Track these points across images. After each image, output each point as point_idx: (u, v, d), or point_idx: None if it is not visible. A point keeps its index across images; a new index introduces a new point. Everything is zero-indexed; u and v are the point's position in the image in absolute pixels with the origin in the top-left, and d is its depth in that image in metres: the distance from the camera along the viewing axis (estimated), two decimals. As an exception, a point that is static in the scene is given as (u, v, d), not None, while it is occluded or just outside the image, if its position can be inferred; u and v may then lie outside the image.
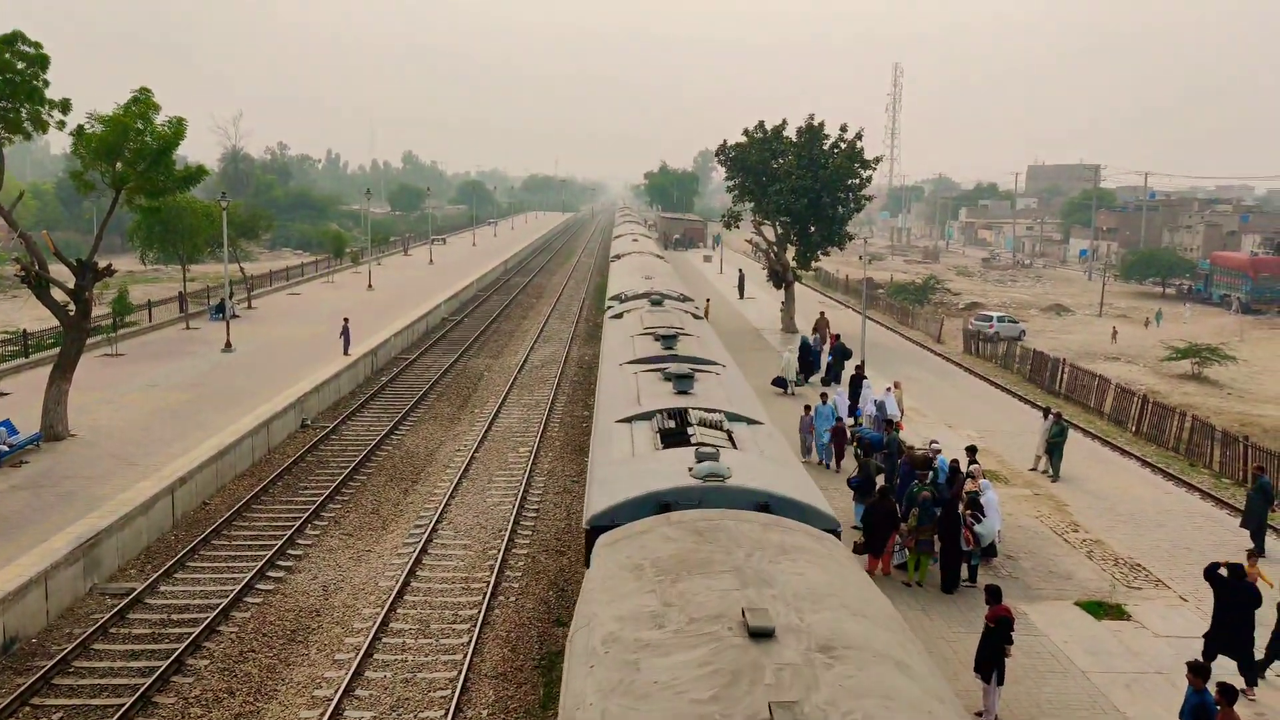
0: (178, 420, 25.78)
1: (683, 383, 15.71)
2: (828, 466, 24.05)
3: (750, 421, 14.54)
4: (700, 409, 14.28)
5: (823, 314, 41.37)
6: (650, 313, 23.98)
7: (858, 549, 17.41)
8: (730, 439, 13.31)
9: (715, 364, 18.66)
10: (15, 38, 22.37)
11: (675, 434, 13.36)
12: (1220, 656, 13.83)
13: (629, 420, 14.40)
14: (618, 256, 49.70)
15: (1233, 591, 14.00)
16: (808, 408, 24.97)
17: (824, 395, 25.28)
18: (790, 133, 44.96)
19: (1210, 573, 14.34)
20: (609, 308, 29.03)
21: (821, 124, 44.05)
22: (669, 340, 19.73)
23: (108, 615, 15.87)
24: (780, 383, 32.71)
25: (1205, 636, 14.24)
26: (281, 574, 18.02)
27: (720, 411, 14.35)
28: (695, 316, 26.39)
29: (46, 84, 22.91)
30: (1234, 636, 13.92)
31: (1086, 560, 18.61)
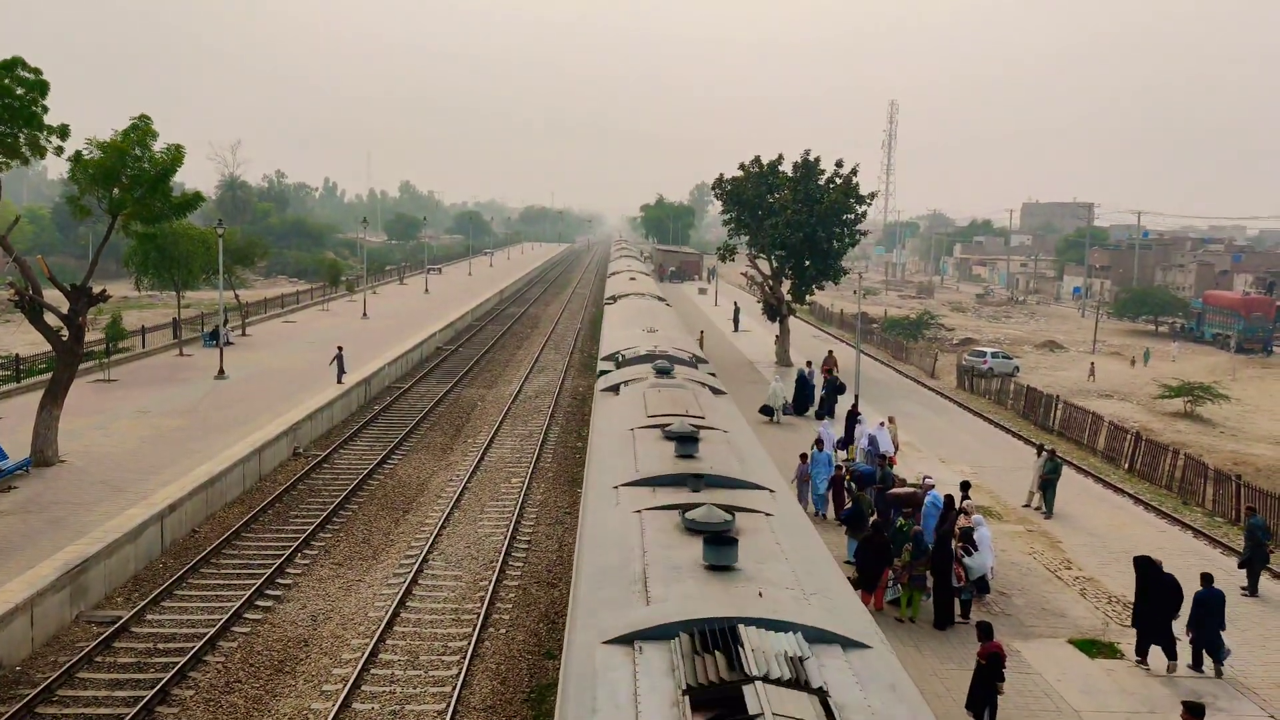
0: (169, 447, 25.65)
1: (720, 549, 9.08)
2: (824, 517, 22.57)
3: (851, 644, 7.98)
4: (758, 622, 7.87)
5: (830, 353, 40.78)
6: (657, 389, 17.60)
7: (853, 584, 17.31)
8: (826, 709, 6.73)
9: (760, 488, 12.05)
10: (15, 64, 22.48)
11: (720, 696, 6.86)
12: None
13: (631, 643, 7.80)
14: (613, 298, 42.70)
15: (1156, 583, 15.84)
16: (804, 456, 23.31)
17: (819, 442, 23.82)
18: (786, 168, 45.27)
19: (1139, 561, 16.26)
20: (601, 373, 22.53)
21: (817, 159, 44.38)
22: (686, 444, 13.12)
23: (93, 643, 15.70)
24: (767, 410, 33.12)
25: (1135, 626, 16.09)
26: (270, 603, 17.87)
27: (795, 627, 7.88)
28: (716, 391, 19.65)
29: (45, 110, 23.00)
30: (1160, 625, 15.63)
31: (1080, 598, 18.53)
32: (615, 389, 19.09)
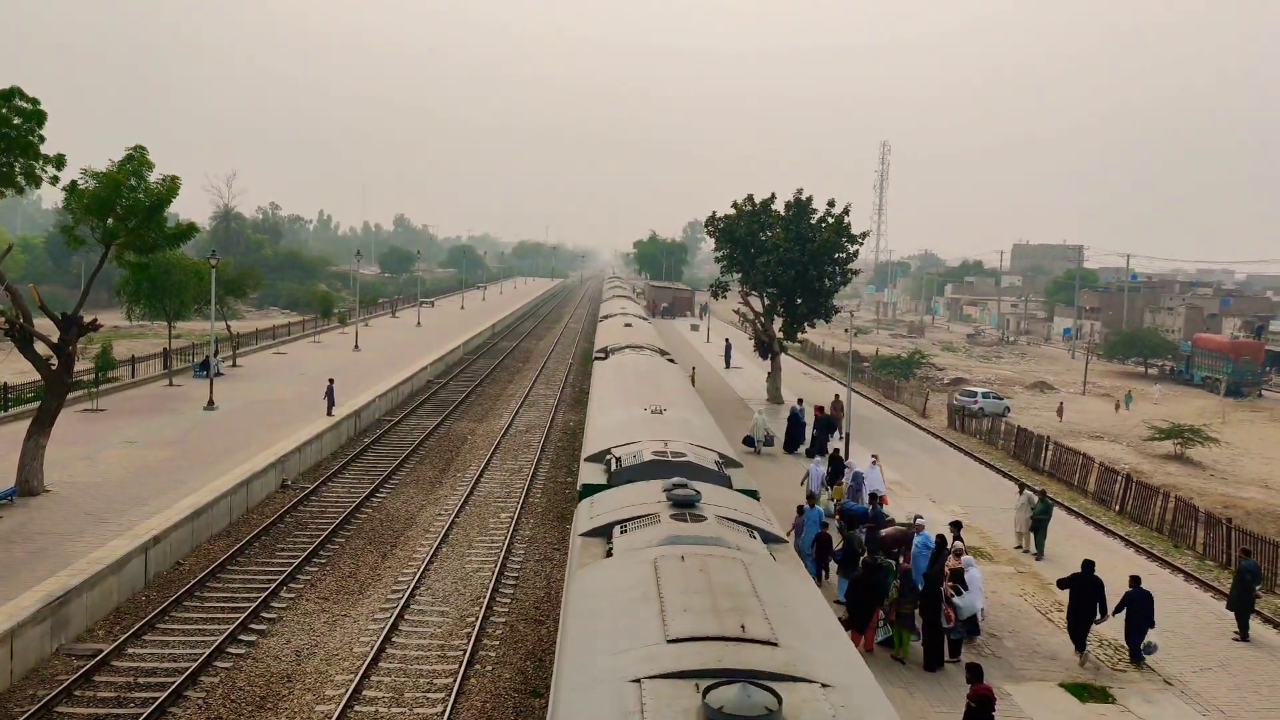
0: (156, 478, 25.46)
1: None
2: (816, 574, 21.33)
3: None
4: None
5: (837, 397, 39.05)
6: (677, 557, 10.13)
7: (844, 624, 17.19)
8: None
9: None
10: (13, 93, 22.56)
11: None
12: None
13: None
14: (604, 352, 34.06)
15: (1083, 587, 17.90)
16: (801, 509, 21.86)
17: (811, 497, 22.40)
18: (778, 206, 45.58)
19: (1066, 582, 18.34)
20: (583, 490, 15.36)
21: (809, 198, 44.71)
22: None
23: (73, 677, 15.46)
24: (749, 441, 34.22)
25: (1069, 629, 17.96)
26: (254, 638, 17.64)
27: None
28: (772, 539, 12.55)
29: (42, 139, 23.06)
30: (1081, 621, 17.72)
31: (1071, 641, 18.41)
32: (605, 543, 11.74)
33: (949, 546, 19.09)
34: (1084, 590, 17.81)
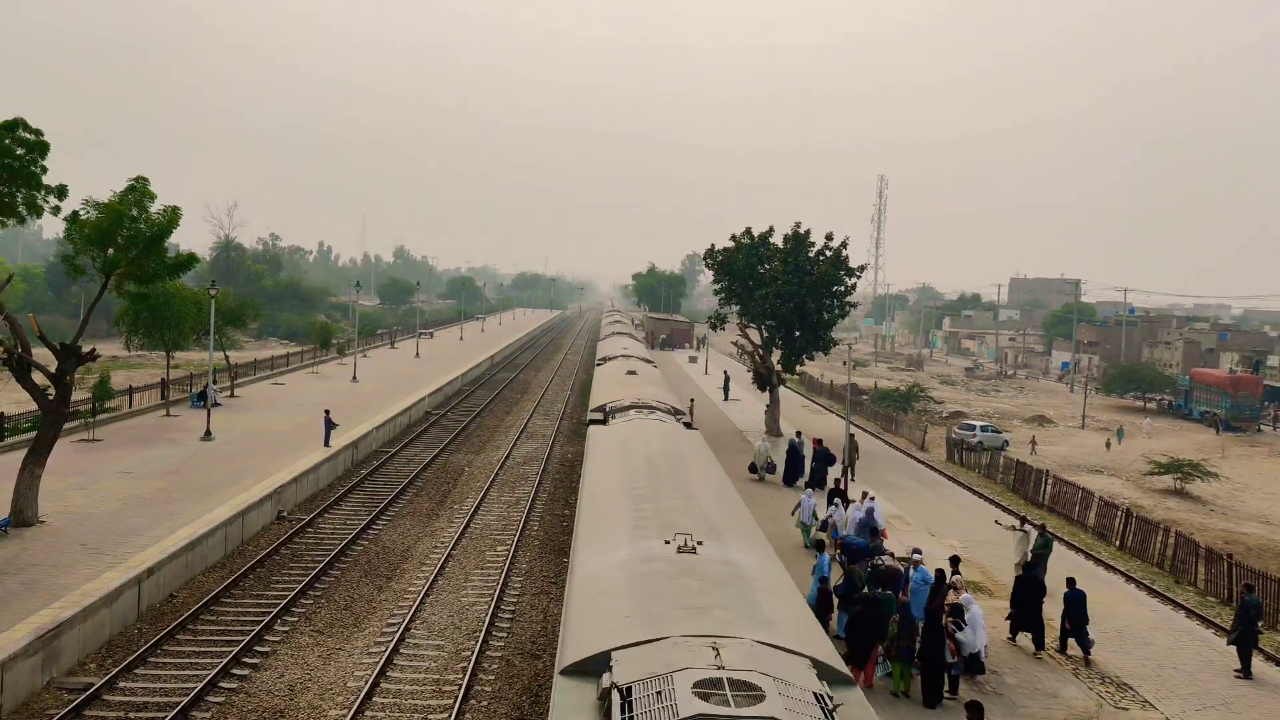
0: (151, 509, 25.31)
1: None
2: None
3: None
4: None
5: (852, 436, 37.35)
6: None
7: (845, 659, 17.01)
8: None
9: None
10: (16, 124, 22.69)
11: None
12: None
13: None
14: (602, 414, 26.59)
15: (1024, 584, 20.03)
16: (808, 548, 21.92)
17: (820, 543, 21.98)
18: (777, 239, 45.76)
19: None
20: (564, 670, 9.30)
21: (808, 231, 44.90)
22: None
23: (64, 711, 15.27)
24: (753, 469, 35.75)
25: (1008, 618, 20.09)
26: (246, 672, 17.45)
27: None
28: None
29: (44, 170, 23.16)
30: (1029, 617, 19.71)
31: (1073, 678, 18.26)
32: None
33: (948, 581, 18.97)
34: (1028, 591, 19.99)
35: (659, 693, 8.04)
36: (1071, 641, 19.62)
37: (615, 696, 8.17)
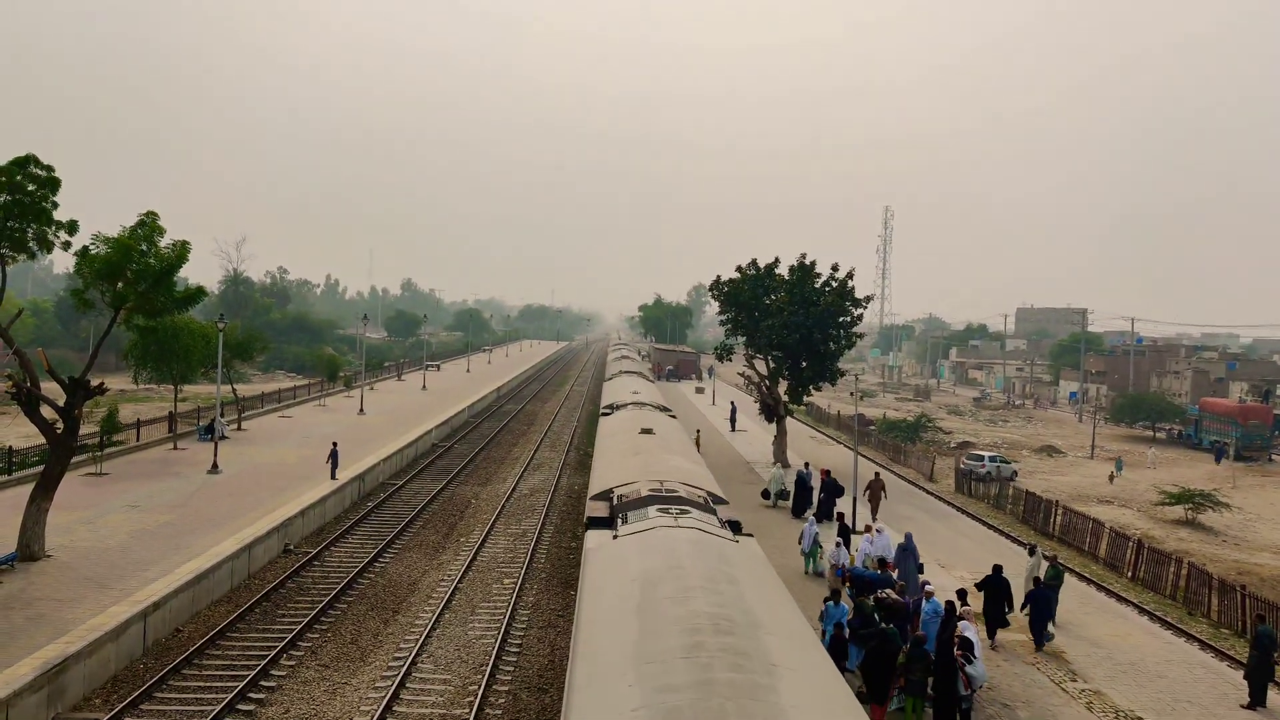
0: (157, 542, 25.27)
1: None
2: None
3: None
4: None
5: (878, 475, 37.27)
6: None
7: (861, 698, 16.83)
8: None
9: None
10: (28, 160, 22.95)
11: None
12: None
13: None
14: (608, 509, 18.81)
15: (994, 585, 21.81)
16: (827, 600, 20.29)
17: (835, 594, 20.47)
18: (782, 270, 45.85)
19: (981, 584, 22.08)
20: None
21: (813, 263, 44.99)
22: None
23: (67, 748, 15.17)
24: (766, 494, 36.72)
25: (985, 615, 21.60)
26: (252, 707, 17.34)
27: None
28: None
29: (55, 205, 23.37)
30: (996, 616, 21.75)
31: (1086, 712, 18.04)
32: None
33: (958, 613, 18.82)
34: (995, 589, 21.73)
35: None
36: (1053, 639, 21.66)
37: None
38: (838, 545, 24.61)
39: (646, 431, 27.62)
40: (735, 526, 16.79)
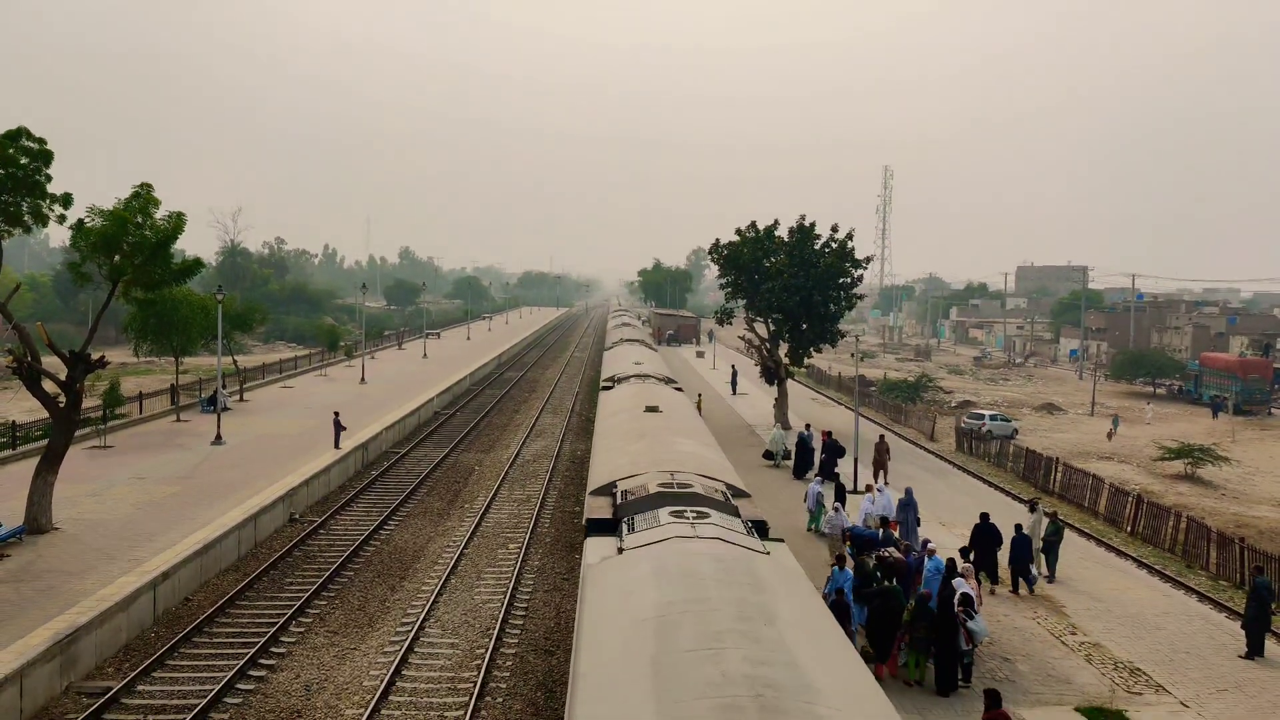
0: (164, 514, 25.46)
1: None
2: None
3: None
4: None
5: (882, 437, 36.60)
6: None
7: (865, 656, 17.06)
8: None
9: None
10: (20, 133, 22.84)
11: None
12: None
13: None
14: (610, 506, 15.98)
15: (983, 532, 22.77)
16: (832, 565, 19.80)
17: (840, 559, 19.56)
18: (782, 232, 45.72)
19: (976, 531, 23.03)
20: None
21: (813, 224, 44.86)
22: None
23: (83, 715, 15.40)
24: (769, 455, 37.47)
25: (972, 562, 21.40)
26: (263, 673, 17.57)
27: None
28: None
29: (49, 179, 23.29)
30: (986, 560, 22.66)
31: (1085, 664, 18.27)
32: None
33: (959, 570, 19.02)
34: (985, 536, 22.73)
35: None
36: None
37: None
38: (835, 510, 24.64)
39: (652, 410, 24.97)
40: (761, 529, 14.51)
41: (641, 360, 40.49)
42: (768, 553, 12.47)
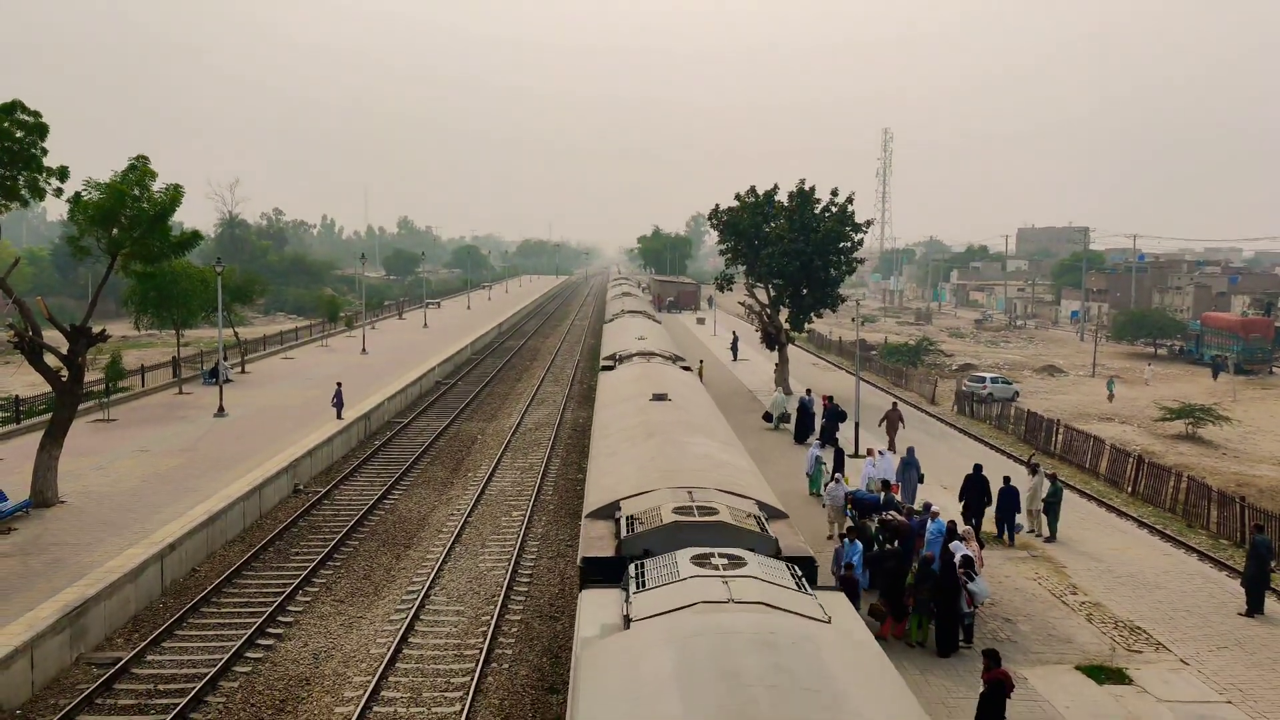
0: (169, 486, 25.58)
1: None
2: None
3: None
4: None
5: (895, 405, 36.52)
6: None
7: (876, 614, 17.19)
8: None
9: None
10: (14, 106, 22.68)
11: None
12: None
13: None
14: (612, 528, 13.51)
15: (973, 483, 23.80)
16: (843, 537, 19.31)
17: (850, 531, 19.48)
18: (782, 197, 45.50)
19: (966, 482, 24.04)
20: None
21: (813, 188, 44.62)
22: None
23: (93, 685, 15.57)
24: (768, 417, 38.01)
25: (963, 510, 23.48)
26: (271, 642, 17.74)
27: None
28: None
29: (45, 152, 23.17)
30: (975, 509, 23.64)
31: (1086, 623, 18.42)
32: None
33: (959, 532, 19.14)
34: (975, 486, 23.77)
35: None
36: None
37: None
38: (836, 480, 24.08)
39: (660, 398, 21.79)
40: (809, 569, 11.64)
41: (645, 335, 37.96)
42: (828, 619, 9.39)
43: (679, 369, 29.78)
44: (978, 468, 24.29)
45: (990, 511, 23.70)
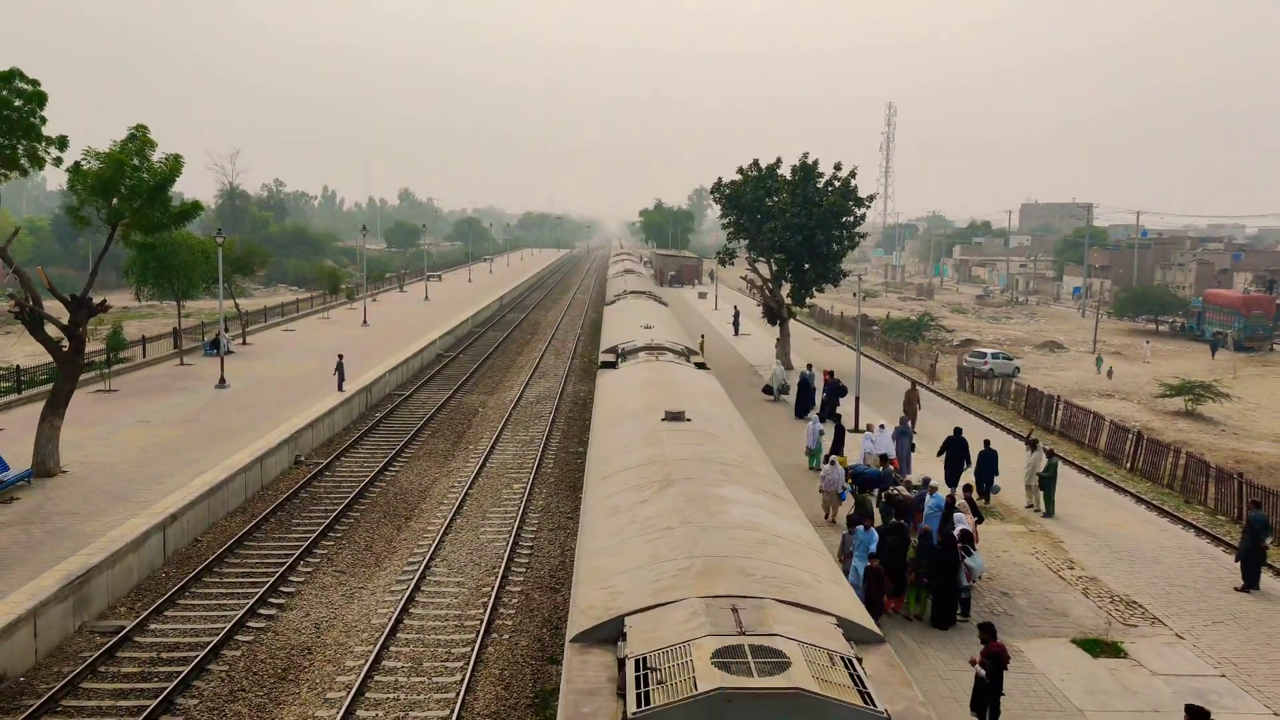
0: (170, 456, 25.67)
1: None
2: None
3: None
4: None
5: (914, 384, 35.40)
6: None
7: (886, 594, 17.29)
8: None
9: None
10: (13, 75, 22.54)
11: None
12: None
13: None
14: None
15: (954, 445, 25.39)
16: (853, 522, 18.55)
17: (860, 519, 18.48)
18: (784, 171, 45.30)
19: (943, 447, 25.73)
20: None
21: (815, 162, 44.40)
22: None
23: (97, 653, 15.70)
24: (768, 390, 38.62)
25: (946, 480, 24.41)
26: (273, 611, 17.86)
27: None
28: None
29: (44, 120, 23.06)
30: (956, 473, 25.03)
31: (1082, 597, 18.53)
32: None
33: (956, 506, 19.23)
34: (955, 448, 25.30)
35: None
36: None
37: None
38: (830, 462, 23.31)
39: (675, 417, 16.54)
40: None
41: (652, 322, 32.87)
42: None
43: (693, 368, 24.93)
44: (958, 430, 25.92)
45: (970, 473, 24.82)
